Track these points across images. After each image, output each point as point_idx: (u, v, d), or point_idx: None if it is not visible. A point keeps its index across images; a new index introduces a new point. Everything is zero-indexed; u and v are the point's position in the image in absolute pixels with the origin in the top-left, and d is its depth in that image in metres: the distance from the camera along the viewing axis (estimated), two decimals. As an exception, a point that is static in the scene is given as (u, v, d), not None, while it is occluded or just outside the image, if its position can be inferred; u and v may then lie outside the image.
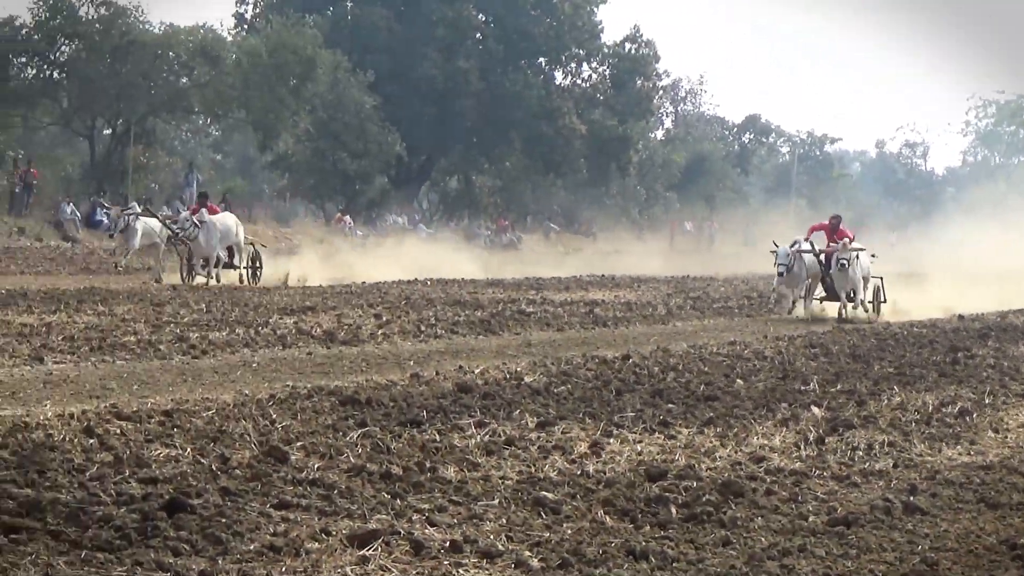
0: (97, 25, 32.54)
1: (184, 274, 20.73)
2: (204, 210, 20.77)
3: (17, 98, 32.69)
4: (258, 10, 41.17)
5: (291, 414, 7.79)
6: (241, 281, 20.78)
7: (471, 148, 44.29)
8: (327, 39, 36.50)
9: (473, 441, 7.32)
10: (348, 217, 38.32)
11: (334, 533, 5.09)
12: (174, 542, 4.85)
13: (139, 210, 22.68)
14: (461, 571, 4.80)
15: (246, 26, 40.59)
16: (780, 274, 17.54)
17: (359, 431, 7.32)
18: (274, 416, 7.63)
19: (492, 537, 5.20)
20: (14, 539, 4.75)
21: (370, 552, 4.86)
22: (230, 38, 37.86)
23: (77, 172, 35.42)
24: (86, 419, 7.10)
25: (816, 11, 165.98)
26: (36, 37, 32.61)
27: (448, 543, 5.04)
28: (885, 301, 18.82)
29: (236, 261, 21.17)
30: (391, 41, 41.00)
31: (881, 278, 19.01)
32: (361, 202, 40.32)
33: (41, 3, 31.85)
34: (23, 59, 33.45)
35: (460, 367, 10.58)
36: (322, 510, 5.46)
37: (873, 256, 18.81)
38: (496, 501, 5.91)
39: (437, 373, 10.04)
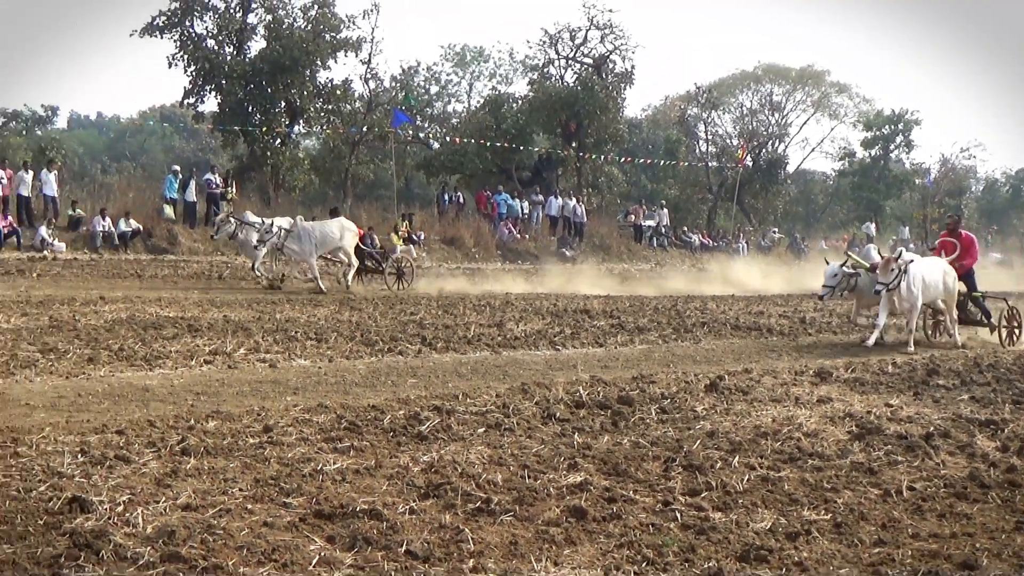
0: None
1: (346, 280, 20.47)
2: (299, 217, 20.74)
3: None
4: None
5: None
6: (390, 286, 20.55)
7: None
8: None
9: None
10: None
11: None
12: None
13: (234, 218, 20.99)
14: None
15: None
16: (821, 297, 15.33)
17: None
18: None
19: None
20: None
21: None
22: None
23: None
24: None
25: None
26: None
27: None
28: (1020, 325, 15.31)
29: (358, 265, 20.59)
30: None
31: (1005, 298, 15.80)
32: None
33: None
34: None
35: None
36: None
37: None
38: None
39: None
